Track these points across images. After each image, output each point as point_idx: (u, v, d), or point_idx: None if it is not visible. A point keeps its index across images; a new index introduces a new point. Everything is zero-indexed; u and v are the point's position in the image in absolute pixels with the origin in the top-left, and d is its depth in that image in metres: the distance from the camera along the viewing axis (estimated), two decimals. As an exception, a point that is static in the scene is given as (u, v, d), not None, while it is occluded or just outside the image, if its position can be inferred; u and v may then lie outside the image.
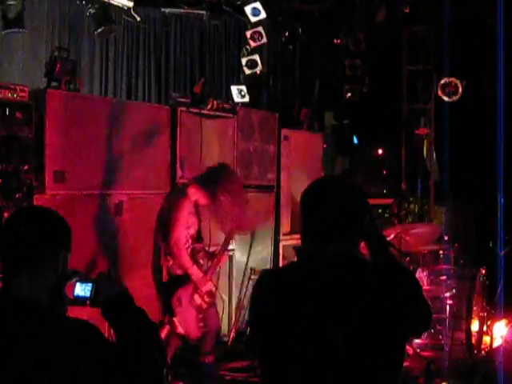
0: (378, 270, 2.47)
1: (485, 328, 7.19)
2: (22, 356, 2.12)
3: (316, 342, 2.34)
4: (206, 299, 5.71)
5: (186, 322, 5.60)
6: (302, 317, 2.37)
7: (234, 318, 7.62)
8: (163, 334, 5.56)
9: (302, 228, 2.54)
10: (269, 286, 2.54)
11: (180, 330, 5.58)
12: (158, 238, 5.64)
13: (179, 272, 5.62)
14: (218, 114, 7.67)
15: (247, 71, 8.83)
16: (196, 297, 5.64)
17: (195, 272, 5.57)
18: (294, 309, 2.40)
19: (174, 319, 5.56)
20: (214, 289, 5.84)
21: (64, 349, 2.14)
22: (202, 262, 5.84)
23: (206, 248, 5.99)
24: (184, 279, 5.60)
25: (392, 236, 7.11)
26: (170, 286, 5.63)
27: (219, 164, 5.98)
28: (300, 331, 2.37)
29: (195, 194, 5.58)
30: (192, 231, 5.67)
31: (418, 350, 6.98)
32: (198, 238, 5.79)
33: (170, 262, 5.60)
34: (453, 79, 9.24)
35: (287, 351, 2.39)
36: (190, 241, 5.68)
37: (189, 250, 5.66)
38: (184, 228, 5.56)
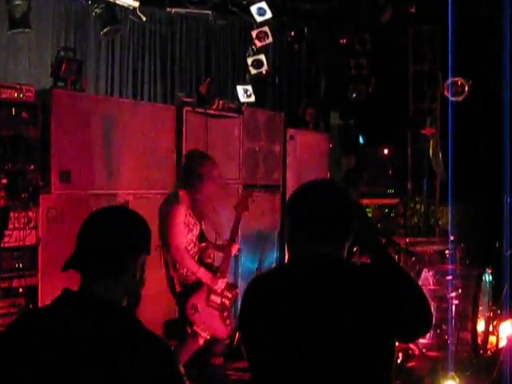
0: (363, 272, 2.48)
1: (491, 328, 7.18)
2: (94, 355, 2.12)
3: (299, 344, 2.35)
4: (228, 294, 5.66)
5: (210, 326, 5.55)
6: (286, 319, 2.39)
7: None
8: (190, 346, 5.56)
9: (289, 231, 2.57)
10: (256, 288, 2.58)
11: (205, 335, 5.54)
12: (163, 251, 5.61)
13: (194, 278, 5.59)
14: (223, 113, 7.67)
15: (253, 71, 8.84)
16: (214, 297, 5.57)
17: (203, 274, 5.53)
18: (278, 310, 2.42)
19: (195, 328, 5.52)
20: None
21: (135, 352, 2.14)
22: (210, 260, 5.80)
23: (218, 242, 5.97)
24: (196, 285, 5.58)
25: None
26: (183, 296, 5.61)
27: (186, 156, 5.96)
28: (283, 333, 2.39)
29: (185, 197, 5.57)
30: (195, 233, 5.65)
31: (424, 350, 6.97)
32: (201, 237, 5.76)
33: (184, 271, 5.57)
34: (459, 79, 9.22)
35: (271, 353, 2.41)
36: (196, 243, 5.66)
37: (195, 252, 5.63)
38: (183, 234, 5.52)
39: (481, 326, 7.09)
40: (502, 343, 7.08)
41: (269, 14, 8.49)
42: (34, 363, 2.15)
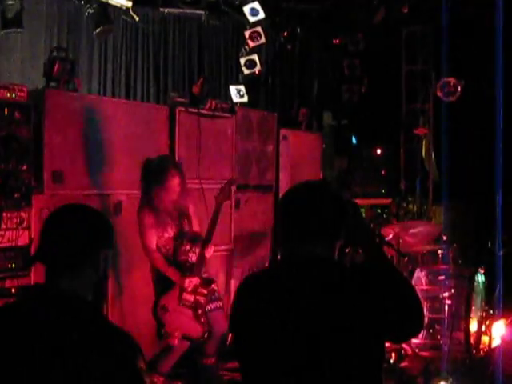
0: (353, 272, 2.49)
1: (483, 328, 7.18)
2: (64, 350, 2.15)
3: (289, 344, 2.36)
4: (203, 291, 5.57)
5: (181, 325, 5.53)
6: (276, 319, 2.40)
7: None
8: (169, 347, 5.57)
9: (279, 231, 2.59)
10: (246, 288, 2.61)
11: (177, 335, 5.52)
12: None
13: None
14: (216, 113, 7.65)
15: (246, 71, 8.84)
16: (186, 296, 5.52)
17: (172, 274, 5.54)
18: (269, 311, 2.43)
19: (167, 329, 5.50)
20: (212, 280, 5.80)
21: (98, 346, 2.19)
22: (184, 257, 5.65)
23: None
24: (167, 286, 5.59)
25: (391, 236, 7.11)
26: (155, 296, 5.66)
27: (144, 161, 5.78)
28: (273, 333, 2.39)
29: (145, 201, 5.66)
30: (170, 233, 5.64)
31: (417, 350, 6.98)
32: (180, 236, 5.70)
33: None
34: (451, 79, 9.25)
35: (262, 353, 2.42)
36: (169, 244, 5.65)
37: (169, 251, 5.63)
38: (153, 235, 5.58)
39: (474, 326, 7.09)
40: (495, 343, 7.09)
41: (262, 15, 8.49)
42: None
